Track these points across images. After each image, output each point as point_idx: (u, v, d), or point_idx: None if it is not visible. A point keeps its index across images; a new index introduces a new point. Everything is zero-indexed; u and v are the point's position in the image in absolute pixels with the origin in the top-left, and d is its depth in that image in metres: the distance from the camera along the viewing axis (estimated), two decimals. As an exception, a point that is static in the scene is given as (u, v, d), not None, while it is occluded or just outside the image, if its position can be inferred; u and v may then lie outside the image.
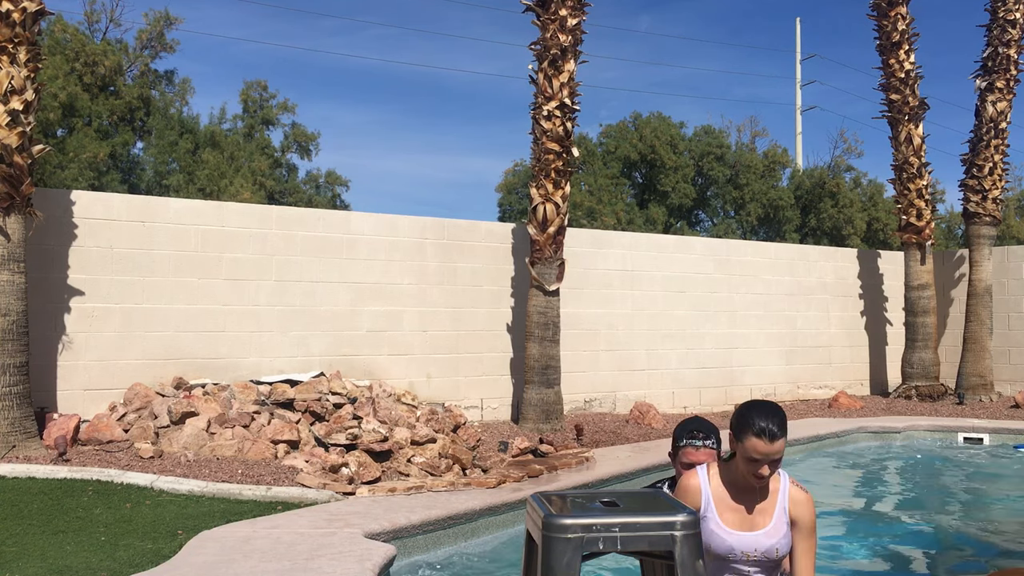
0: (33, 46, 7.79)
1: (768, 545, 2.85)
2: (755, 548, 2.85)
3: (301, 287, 9.64)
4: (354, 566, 4.75)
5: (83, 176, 15.05)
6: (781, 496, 2.87)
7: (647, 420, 10.97)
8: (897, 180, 14.14)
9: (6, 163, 7.50)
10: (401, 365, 10.18)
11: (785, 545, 2.85)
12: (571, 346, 11.26)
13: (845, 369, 14.34)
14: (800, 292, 13.83)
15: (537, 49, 10.55)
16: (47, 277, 8.37)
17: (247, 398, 8.47)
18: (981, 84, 13.92)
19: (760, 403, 2.86)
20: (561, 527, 2.58)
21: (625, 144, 21.43)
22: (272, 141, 19.86)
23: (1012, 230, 25.80)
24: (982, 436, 10.75)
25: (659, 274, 12.32)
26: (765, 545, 2.84)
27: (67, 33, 16.64)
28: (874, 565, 6.17)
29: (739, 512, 2.88)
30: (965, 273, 14.26)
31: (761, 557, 2.85)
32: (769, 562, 2.87)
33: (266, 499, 6.45)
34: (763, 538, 2.85)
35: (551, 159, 10.37)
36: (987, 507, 7.99)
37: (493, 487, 7.13)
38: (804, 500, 2.87)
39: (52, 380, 8.37)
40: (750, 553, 2.85)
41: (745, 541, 2.86)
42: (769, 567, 2.89)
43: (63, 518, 5.76)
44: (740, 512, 2.87)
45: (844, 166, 26.23)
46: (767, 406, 2.83)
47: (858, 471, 9.62)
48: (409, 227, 10.38)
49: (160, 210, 9.00)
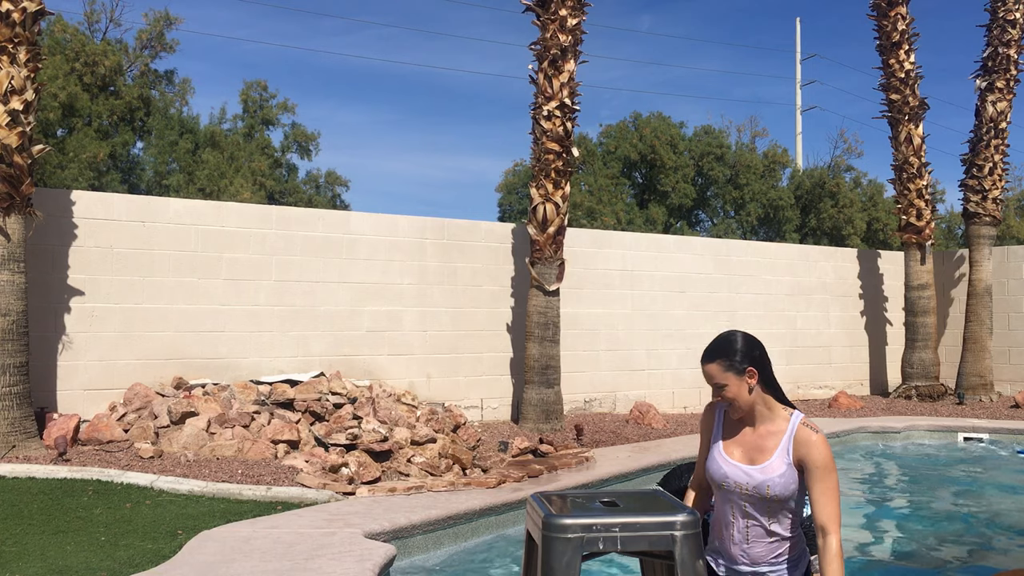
0: (33, 46, 7.79)
1: (759, 480, 2.81)
2: (747, 481, 2.83)
3: (301, 287, 9.64)
4: (354, 566, 4.75)
5: (83, 176, 15.05)
6: (786, 436, 2.82)
7: (647, 420, 10.97)
8: (897, 180, 14.14)
9: (6, 163, 7.50)
10: (401, 365, 10.18)
11: (779, 485, 2.79)
12: (571, 346, 11.26)
13: (845, 369, 14.34)
14: (800, 292, 13.83)
15: (537, 49, 10.55)
16: (47, 277, 8.37)
17: (247, 398, 8.47)
18: (981, 84, 13.92)
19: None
20: (561, 527, 2.58)
21: (625, 144, 21.43)
22: (272, 141, 19.88)
23: (1012, 230, 25.81)
24: (982, 436, 10.75)
25: (659, 274, 12.32)
26: (757, 480, 2.82)
27: (67, 33, 16.65)
28: (874, 565, 6.17)
29: (743, 446, 2.88)
30: (965, 273, 14.26)
31: (752, 492, 2.83)
32: (761, 498, 2.82)
33: (266, 499, 6.45)
34: (756, 473, 2.83)
35: (551, 159, 10.37)
36: (987, 507, 7.99)
37: (493, 487, 7.13)
38: (809, 440, 2.78)
39: (52, 380, 8.37)
40: (743, 485, 2.84)
41: (738, 472, 2.86)
42: (762, 505, 2.83)
43: (63, 518, 5.76)
44: (744, 446, 2.88)
45: (844, 166, 26.26)
46: (720, 334, 2.92)
47: (858, 471, 9.62)
48: (409, 227, 10.38)
49: (160, 210, 9.00)
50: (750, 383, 2.82)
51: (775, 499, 2.79)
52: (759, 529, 2.86)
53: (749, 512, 2.87)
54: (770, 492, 2.79)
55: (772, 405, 2.87)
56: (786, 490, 2.79)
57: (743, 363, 2.81)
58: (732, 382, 2.81)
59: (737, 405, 2.85)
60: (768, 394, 2.87)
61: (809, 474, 2.77)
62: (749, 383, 2.82)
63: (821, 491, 2.74)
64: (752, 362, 2.82)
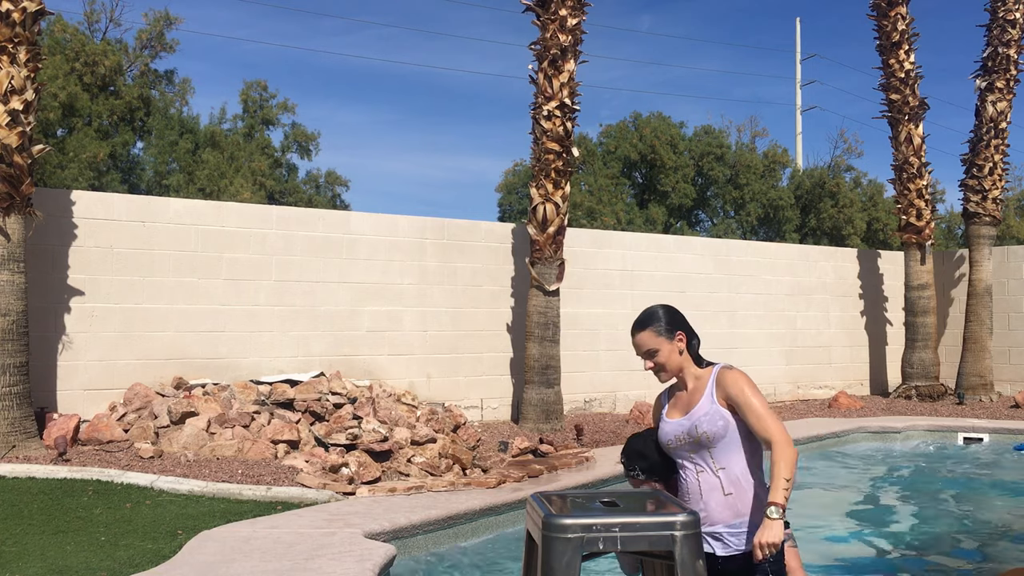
0: (33, 46, 7.79)
1: (689, 424, 3.01)
2: (681, 429, 3.04)
3: (301, 287, 9.64)
4: (354, 566, 4.75)
5: (83, 176, 15.05)
6: (711, 381, 3.04)
7: (647, 420, 10.97)
8: (897, 180, 14.14)
9: (6, 163, 7.50)
10: (401, 365, 10.18)
11: (706, 421, 2.97)
12: (571, 346, 11.26)
13: (845, 369, 14.34)
14: (800, 292, 13.83)
15: (537, 49, 10.55)
16: (47, 277, 8.37)
17: (247, 398, 8.47)
18: (981, 84, 13.92)
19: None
20: (561, 527, 2.58)
21: (625, 144, 21.43)
22: (272, 141, 19.89)
23: (1012, 230, 25.81)
24: (982, 436, 10.75)
25: (659, 274, 12.32)
26: (687, 425, 3.02)
27: (67, 33, 16.66)
28: (873, 565, 6.17)
29: (679, 406, 3.11)
30: (965, 273, 14.26)
31: (685, 437, 3.02)
32: (695, 441, 3.00)
33: (266, 499, 6.45)
34: (684, 420, 3.04)
35: (551, 159, 10.37)
36: (987, 507, 7.99)
37: (493, 487, 7.13)
38: (726, 376, 3.01)
39: (52, 380, 8.37)
40: (680, 436, 3.04)
41: (674, 427, 3.07)
42: (699, 448, 3.00)
43: (63, 518, 5.76)
44: (680, 406, 3.11)
45: (844, 166, 26.27)
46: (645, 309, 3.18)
47: (858, 471, 9.61)
48: (409, 227, 10.38)
49: (160, 210, 9.00)
50: (679, 346, 3.08)
51: (706, 436, 2.97)
52: (709, 477, 3.00)
53: (695, 461, 3.04)
54: (699, 430, 2.98)
55: (697, 365, 3.12)
56: (713, 425, 2.97)
57: (672, 328, 3.08)
58: (664, 347, 3.06)
59: (668, 368, 3.10)
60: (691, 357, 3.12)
61: (737, 406, 2.96)
62: (679, 346, 3.08)
63: (752, 415, 2.93)
64: (679, 326, 3.09)
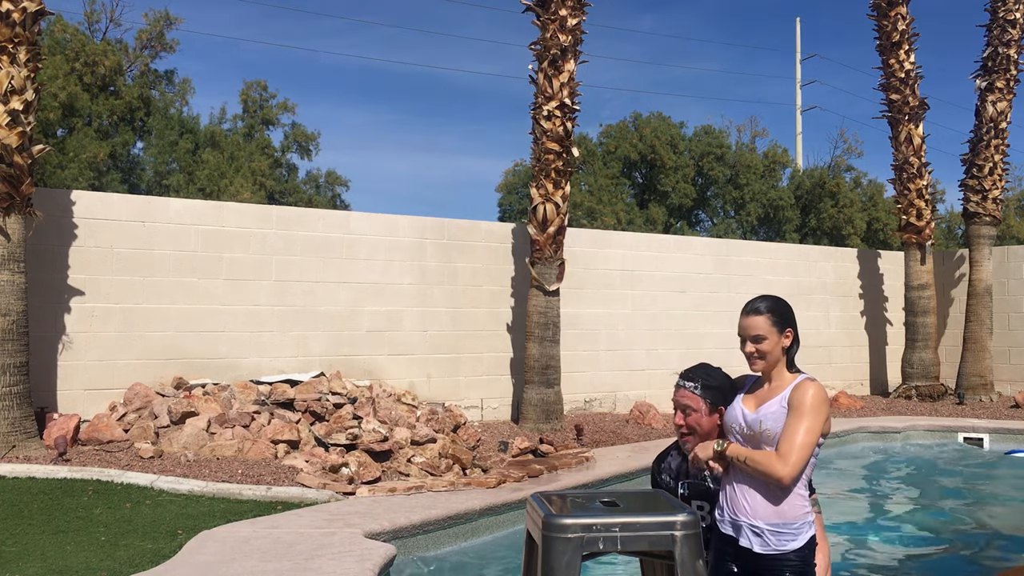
0: (33, 46, 7.79)
1: (754, 417, 3.00)
2: (745, 420, 3.03)
3: (301, 287, 9.64)
4: (354, 566, 4.75)
5: (83, 176, 15.05)
6: (790, 386, 3.01)
7: (647, 420, 10.97)
8: (897, 180, 14.13)
9: (6, 163, 7.50)
10: (401, 365, 10.18)
11: (771, 419, 2.96)
12: (571, 346, 11.26)
13: (845, 369, 14.34)
14: (800, 292, 13.83)
15: (537, 49, 10.55)
16: (47, 277, 8.37)
17: (247, 398, 8.47)
18: (981, 84, 13.92)
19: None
20: (561, 527, 2.58)
21: (625, 144, 21.43)
22: (272, 141, 19.88)
23: (1012, 230, 25.80)
24: (982, 436, 10.75)
25: (659, 274, 12.32)
26: (752, 417, 3.01)
27: (67, 33, 16.65)
28: (874, 565, 6.17)
29: (757, 397, 3.08)
30: (965, 273, 14.26)
31: (747, 428, 3.01)
32: (753, 435, 2.99)
33: (266, 499, 6.45)
34: (752, 413, 3.02)
35: (551, 159, 10.37)
36: (987, 507, 7.99)
37: (493, 487, 7.13)
38: (802, 385, 2.98)
39: (52, 380, 8.37)
40: (741, 424, 3.03)
41: (740, 414, 3.06)
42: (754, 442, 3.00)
43: (63, 518, 5.76)
44: (758, 397, 3.08)
45: (844, 166, 26.26)
46: (770, 295, 3.18)
47: (858, 471, 9.62)
48: (409, 227, 10.38)
49: (160, 210, 9.00)
50: (785, 342, 3.05)
51: (766, 434, 2.95)
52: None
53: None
54: (762, 426, 2.96)
55: (787, 369, 3.09)
56: (777, 426, 2.94)
57: (784, 323, 3.07)
58: (772, 337, 3.04)
59: (768, 359, 3.05)
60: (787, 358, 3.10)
61: (788, 410, 2.94)
62: (784, 342, 3.05)
63: (788, 424, 2.92)
64: (791, 324, 3.08)
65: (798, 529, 2.93)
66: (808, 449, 2.88)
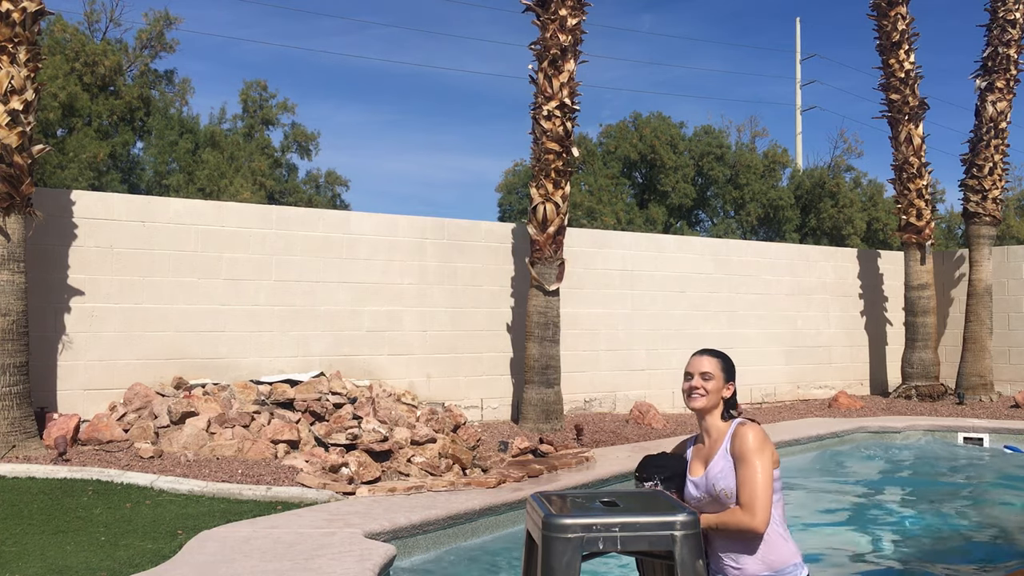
0: (33, 46, 7.79)
1: (708, 483, 3.04)
2: (702, 489, 3.06)
3: (301, 287, 9.64)
4: (354, 566, 4.75)
5: (83, 176, 15.05)
6: (727, 436, 3.07)
7: (647, 420, 10.96)
8: (897, 180, 14.14)
9: (6, 163, 7.50)
10: (401, 365, 10.18)
11: (720, 477, 2.99)
12: (571, 346, 11.26)
13: (845, 369, 14.34)
14: (800, 292, 13.83)
15: (537, 49, 10.55)
16: (47, 277, 8.37)
17: (247, 398, 8.47)
18: (981, 84, 13.92)
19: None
20: (561, 527, 2.58)
21: (625, 144, 21.43)
22: (272, 141, 19.87)
23: (1012, 230, 25.79)
24: (982, 436, 10.75)
25: (659, 274, 12.32)
26: (703, 485, 3.05)
27: (67, 33, 16.64)
28: (874, 565, 6.17)
29: (699, 459, 3.16)
30: (965, 273, 14.26)
31: (706, 496, 3.04)
32: (714, 499, 3.01)
33: (266, 499, 6.45)
34: (702, 479, 3.07)
35: (551, 159, 10.37)
36: (987, 507, 7.99)
37: (493, 487, 7.13)
38: (739, 432, 3.02)
39: (52, 380, 8.37)
40: (701, 496, 3.07)
41: (694, 486, 3.10)
42: (718, 505, 3.01)
43: (63, 518, 5.76)
44: (700, 459, 3.15)
45: (844, 166, 26.24)
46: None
47: (858, 471, 9.62)
48: (409, 227, 10.38)
49: (160, 210, 9.00)
50: (726, 393, 3.17)
51: (724, 493, 2.98)
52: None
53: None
54: (716, 488, 2.99)
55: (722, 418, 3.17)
56: (728, 481, 2.98)
57: (731, 375, 3.21)
58: (719, 380, 3.15)
59: (709, 399, 3.15)
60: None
61: (737, 461, 2.98)
62: (726, 393, 3.17)
63: (741, 476, 2.95)
64: (734, 381, 3.22)
65: (790, 573, 2.98)
66: (768, 490, 2.93)
